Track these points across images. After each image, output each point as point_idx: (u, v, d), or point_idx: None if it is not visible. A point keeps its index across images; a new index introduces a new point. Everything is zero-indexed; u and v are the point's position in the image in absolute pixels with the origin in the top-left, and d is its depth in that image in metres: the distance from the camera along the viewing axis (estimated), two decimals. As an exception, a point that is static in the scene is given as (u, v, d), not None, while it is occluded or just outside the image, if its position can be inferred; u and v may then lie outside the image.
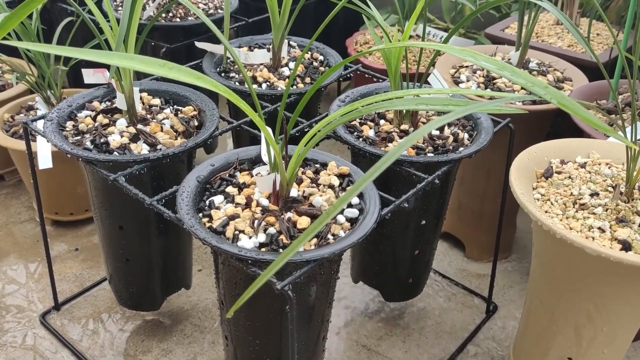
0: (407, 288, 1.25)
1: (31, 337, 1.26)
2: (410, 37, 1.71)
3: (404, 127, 1.09)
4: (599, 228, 0.84)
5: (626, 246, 0.82)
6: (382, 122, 1.12)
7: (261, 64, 1.28)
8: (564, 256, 0.88)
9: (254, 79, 1.25)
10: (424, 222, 1.13)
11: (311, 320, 0.92)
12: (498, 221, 1.26)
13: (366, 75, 1.33)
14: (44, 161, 1.23)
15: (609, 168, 0.96)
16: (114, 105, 1.08)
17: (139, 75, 1.31)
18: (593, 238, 0.83)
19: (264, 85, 1.23)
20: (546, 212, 0.89)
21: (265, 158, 0.93)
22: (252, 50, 1.33)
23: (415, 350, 1.27)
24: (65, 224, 1.57)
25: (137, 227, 1.09)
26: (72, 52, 0.66)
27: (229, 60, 1.29)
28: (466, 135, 1.10)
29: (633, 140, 0.91)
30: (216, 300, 1.33)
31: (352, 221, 0.87)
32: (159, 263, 1.14)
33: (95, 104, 1.10)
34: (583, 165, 0.98)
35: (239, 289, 0.88)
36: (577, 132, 1.14)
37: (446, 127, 1.10)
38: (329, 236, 0.84)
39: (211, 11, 1.61)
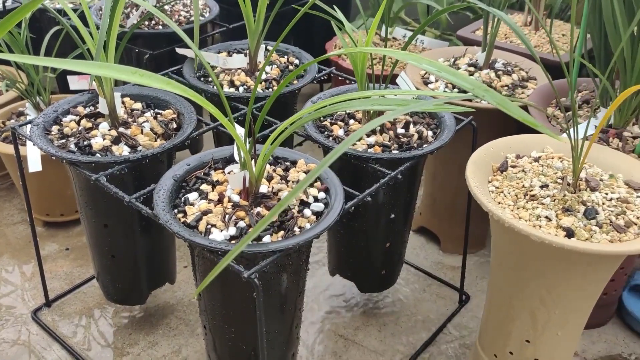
0: (381, 279, 1.31)
1: (24, 334, 1.32)
2: (389, 39, 1.77)
3: (372, 126, 1.15)
4: (546, 217, 0.91)
5: (569, 233, 0.88)
6: (351, 122, 1.18)
7: (239, 68, 1.35)
8: (514, 244, 0.94)
9: (232, 83, 1.31)
10: (393, 215, 1.20)
11: (283, 308, 0.99)
12: (466, 216, 1.33)
13: (339, 78, 1.40)
14: (34, 164, 1.29)
15: (560, 161, 1.03)
16: (97, 110, 1.14)
17: (122, 81, 1.37)
18: (540, 226, 0.90)
19: (241, 89, 1.29)
20: (499, 203, 0.96)
21: (236, 157, 1.00)
22: (230, 55, 1.39)
23: (390, 339, 1.34)
24: (56, 225, 1.64)
25: (121, 225, 1.15)
26: (53, 62, 0.72)
27: (210, 64, 1.36)
28: (430, 133, 1.16)
29: (584, 135, 0.97)
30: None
31: (319, 214, 0.94)
32: (143, 259, 1.20)
33: (80, 108, 1.17)
34: (537, 159, 1.04)
35: (213, 279, 0.94)
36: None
37: (411, 126, 1.17)
38: (296, 229, 0.90)
39: (192, 18, 1.67)
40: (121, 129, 1.10)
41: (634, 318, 1.35)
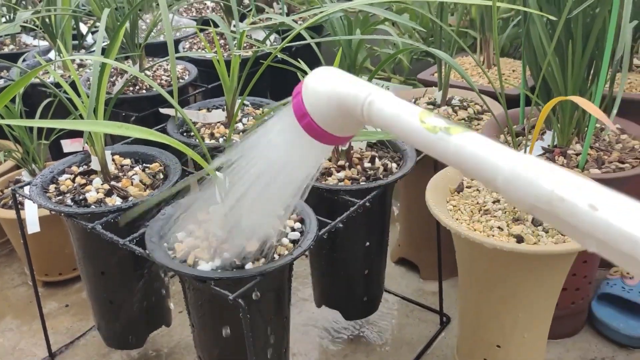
0: (364, 306, 1.40)
1: (29, 386, 1.39)
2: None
3: (341, 162, 1.27)
4: (498, 227, 1.01)
5: (519, 240, 0.99)
6: (322, 160, 1.30)
7: (218, 122, 1.47)
8: (473, 254, 1.04)
9: (212, 135, 1.43)
10: (368, 243, 1.30)
11: (270, 333, 1.07)
12: (437, 241, 1.43)
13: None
14: (32, 226, 1.40)
15: (510, 179, 1.14)
16: (90, 168, 1.26)
17: (112, 141, 1.49)
18: (493, 236, 1.00)
19: (220, 140, 1.41)
20: (457, 219, 1.07)
21: (218, 199, 1.10)
22: (210, 111, 1.52)
23: (377, 363, 1.42)
24: (55, 284, 1.72)
25: (117, 272, 1.24)
26: (50, 123, 0.84)
27: (191, 121, 1.48)
28: (394, 165, 1.28)
29: (531, 154, 1.09)
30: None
31: (296, 242, 1.04)
32: (140, 303, 1.29)
33: (74, 168, 1.28)
34: (489, 179, 1.16)
35: (204, 309, 1.04)
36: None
37: (377, 160, 1.28)
38: (275, 256, 1.00)
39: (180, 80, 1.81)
40: (113, 183, 1.21)
41: (603, 324, 1.44)
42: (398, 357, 1.43)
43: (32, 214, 1.40)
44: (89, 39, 2.08)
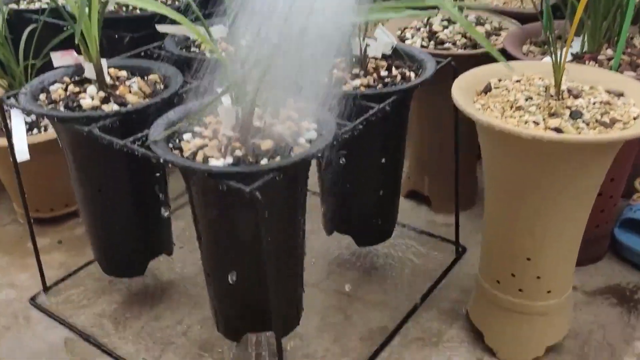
0: (377, 231, 1.32)
1: (24, 319, 1.30)
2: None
3: (355, 71, 1.18)
4: (534, 121, 0.93)
5: (558, 131, 0.90)
6: (334, 71, 1.21)
7: (220, 38, 1.37)
8: (505, 151, 0.96)
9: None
10: (384, 160, 1.21)
11: (284, 239, 0.99)
12: (455, 163, 1.35)
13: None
14: (21, 154, 1.29)
15: (541, 80, 1.06)
16: (84, 77, 1.15)
17: (106, 56, 1.39)
18: (529, 130, 0.92)
19: (224, 53, 1.31)
20: (487, 118, 0.98)
21: (224, 99, 1.01)
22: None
23: (392, 292, 1.34)
24: (46, 221, 1.62)
25: (115, 189, 1.15)
26: None
27: (189, 41, 1.38)
28: (413, 75, 1.19)
29: (561, 59, 1.00)
30: (200, 270, 1.39)
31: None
32: (139, 226, 1.20)
33: (66, 79, 1.18)
34: (518, 81, 1.07)
35: (213, 214, 0.95)
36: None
37: (394, 69, 1.19)
38: (291, 154, 0.92)
39: (169, 2, 1.71)
40: (109, 90, 1.11)
41: (627, 249, 1.38)
42: (414, 287, 1.35)
43: (20, 140, 1.30)
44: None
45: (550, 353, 1.15)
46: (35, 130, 1.54)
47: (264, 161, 0.88)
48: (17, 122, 1.29)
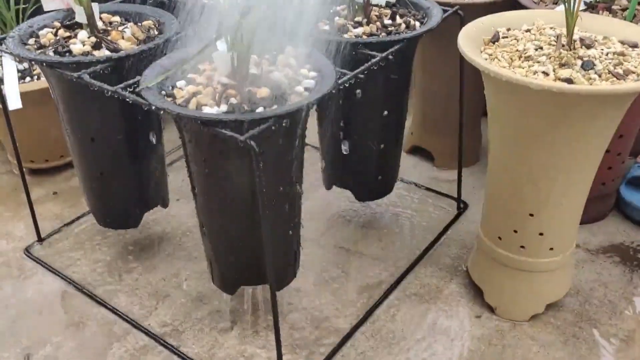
0: (378, 186, 1.29)
1: (18, 269, 1.29)
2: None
3: (358, 18, 1.13)
4: (543, 72, 0.89)
5: (568, 82, 0.86)
6: (336, 19, 1.16)
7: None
8: (512, 103, 0.92)
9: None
10: (386, 112, 1.18)
11: (280, 190, 0.95)
12: (459, 117, 1.31)
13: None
14: (13, 101, 1.25)
15: (552, 30, 1.01)
16: (74, 21, 1.11)
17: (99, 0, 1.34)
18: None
19: None
20: (494, 68, 0.94)
21: (220, 45, 0.96)
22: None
23: (391, 247, 1.32)
24: (41, 172, 1.60)
25: (108, 138, 1.12)
26: None
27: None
28: (418, 23, 1.14)
29: (575, 7, 0.95)
30: (195, 223, 1.36)
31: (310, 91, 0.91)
32: (134, 177, 1.17)
33: (56, 23, 1.13)
34: (528, 30, 1.02)
35: (208, 166, 0.92)
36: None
37: (398, 17, 1.14)
38: (289, 103, 0.88)
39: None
40: (101, 35, 1.07)
41: (633, 207, 1.35)
42: (413, 242, 1.33)
43: (12, 87, 1.26)
44: None
45: (549, 310, 1.13)
46: (28, 79, 1.50)
47: (259, 109, 0.85)
48: (9, 69, 1.24)
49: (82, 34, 1.07)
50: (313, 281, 1.23)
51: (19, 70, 1.50)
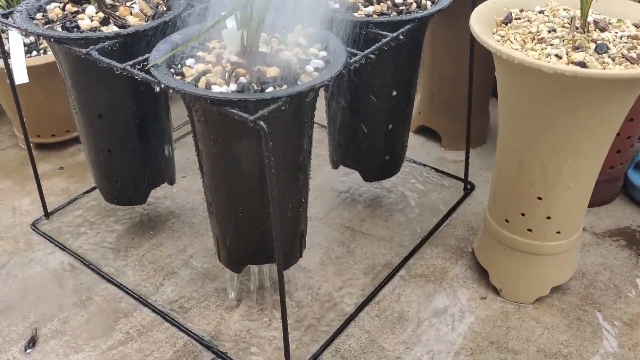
0: (385, 166, 1.29)
1: (24, 244, 1.29)
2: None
3: (368, -4, 1.12)
4: (556, 55, 0.88)
5: (582, 66, 0.85)
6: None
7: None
8: (524, 85, 0.91)
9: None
10: (395, 93, 1.17)
11: (289, 167, 0.95)
12: (468, 98, 1.30)
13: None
14: (20, 76, 1.25)
15: (566, 11, 1.00)
16: (82, -4, 1.10)
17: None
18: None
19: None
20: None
21: (230, 22, 0.95)
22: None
23: (397, 228, 1.32)
24: (48, 146, 1.60)
25: (116, 115, 1.11)
26: None
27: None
28: (429, 3, 1.12)
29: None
30: (202, 200, 1.37)
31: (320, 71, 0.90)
32: (141, 153, 1.17)
33: (64, -2, 1.12)
34: (542, 12, 1.01)
35: (217, 145, 0.92)
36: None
37: (409, -4, 1.13)
38: (298, 82, 0.87)
39: None
40: (109, 11, 1.06)
41: (640, 191, 1.35)
42: (419, 222, 1.33)
43: (19, 61, 1.25)
44: None
45: (554, 293, 1.14)
46: (34, 53, 1.49)
47: (269, 89, 0.84)
48: (16, 43, 1.24)
49: (90, 9, 1.06)
50: (319, 260, 1.24)
51: (25, 44, 1.49)
